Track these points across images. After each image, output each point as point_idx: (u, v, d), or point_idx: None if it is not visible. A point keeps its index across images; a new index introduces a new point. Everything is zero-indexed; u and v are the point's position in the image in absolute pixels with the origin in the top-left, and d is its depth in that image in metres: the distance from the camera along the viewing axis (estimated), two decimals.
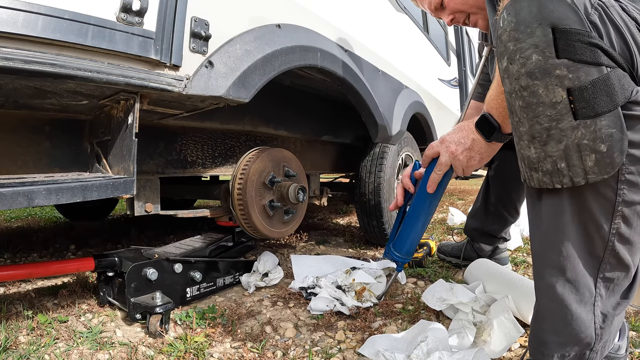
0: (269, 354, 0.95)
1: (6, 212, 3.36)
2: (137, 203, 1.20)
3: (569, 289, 0.61)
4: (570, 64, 0.53)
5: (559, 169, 0.57)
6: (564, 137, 0.55)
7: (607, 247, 0.59)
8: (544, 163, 0.58)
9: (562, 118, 0.55)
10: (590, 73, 0.53)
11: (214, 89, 0.93)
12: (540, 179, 0.60)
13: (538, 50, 0.55)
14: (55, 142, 1.06)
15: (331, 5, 1.45)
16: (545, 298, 0.65)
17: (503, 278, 1.20)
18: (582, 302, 0.62)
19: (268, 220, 1.36)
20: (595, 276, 0.61)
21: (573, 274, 0.61)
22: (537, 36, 0.55)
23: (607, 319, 0.63)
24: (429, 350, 0.87)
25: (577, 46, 0.53)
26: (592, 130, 0.54)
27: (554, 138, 0.56)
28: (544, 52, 0.54)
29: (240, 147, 1.59)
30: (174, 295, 1.19)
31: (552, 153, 0.57)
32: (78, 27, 0.70)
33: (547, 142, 0.57)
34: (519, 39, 0.56)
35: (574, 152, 0.55)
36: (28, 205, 0.69)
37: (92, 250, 1.96)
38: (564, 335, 0.63)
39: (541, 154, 0.58)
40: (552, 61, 0.54)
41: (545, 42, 0.54)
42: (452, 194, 5.76)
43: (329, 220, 3.03)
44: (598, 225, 0.59)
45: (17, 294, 1.32)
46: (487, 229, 1.56)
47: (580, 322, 0.62)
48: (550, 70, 0.54)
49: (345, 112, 1.93)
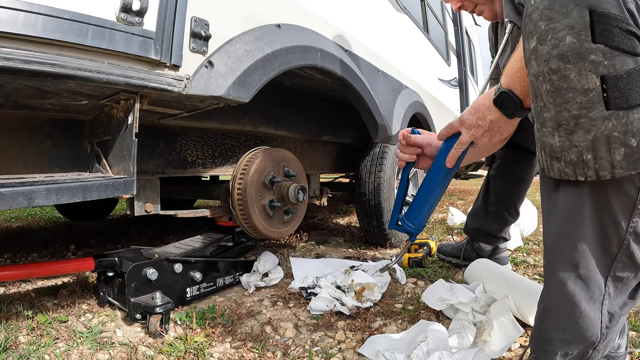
0: (269, 354, 0.95)
1: (6, 212, 3.36)
2: (137, 203, 1.20)
3: (580, 286, 0.60)
4: (606, 50, 0.50)
5: (584, 160, 0.54)
6: (594, 127, 0.52)
7: (622, 246, 0.58)
8: (568, 153, 0.55)
9: (594, 107, 0.52)
10: (626, 62, 0.51)
11: (214, 89, 0.93)
12: (562, 170, 0.57)
13: (573, 33, 0.51)
14: (55, 142, 1.05)
15: (331, 5, 1.46)
16: (555, 294, 0.64)
17: (503, 278, 1.20)
18: (591, 300, 0.61)
19: (268, 220, 1.36)
20: (606, 275, 0.60)
21: (586, 271, 0.60)
22: (573, 17, 0.51)
23: (613, 318, 0.62)
24: (429, 350, 0.87)
25: (615, 32, 0.50)
26: (623, 122, 0.51)
27: (582, 127, 0.53)
28: (579, 35, 0.51)
29: (240, 147, 1.59)
30: (174, 295, 1.19)
31: (578, 143, 0.54)
32: (78, 27, 0.70)
33: (575, 131, 0.54)
34: (553, 19, 0.53)
35: (602, 144, 0.52)
36: (28, 205, 0.69)
37: (92, 250, 1.96)
38: (569, 333, 0.63)
39: (566, 142, 0.55)
40: (588, 45, 0.51)
41: (581, 24, 0.51)
42: (452, 194, 5.75)
43: (329, 220, 3.03)
44: (616, 222, 0.57)
45: (17, 294, 1.32)
46: (487, 228, 1.56)
47: (588, 321, 0.61)
48: (585, 55, 0.51)
49: (345, 112, 1.93)
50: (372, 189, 1.92)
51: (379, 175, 1.91)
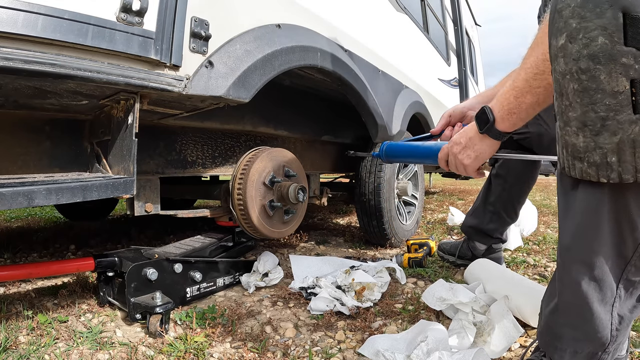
0: (269, 354, 0.95)
1: (6, 212, 3.36)
2: (137, 203, 1.20)
3: (593, 287, 0.61)
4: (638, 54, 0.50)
5: (608, 162, 0.54)
6: (620, 130, 0.52)
7: (637, 249, 0.58)
8: (592, 154, 0.55)
9: (622, 110, 0.52)
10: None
11: (214, 89, 0.93)
12: (584, 170, 0.57)
13: (606, 34, 0.51)
14: (55, 142, 1.05)
15: (331, 5, 1.45)
16: (568, 292, 0.64)
17: (503, 278, 1.20)
18: (603, 302, 0.61)
19: (268, 220, 1.36)
20: (619, 277, 0.61)
21: (600, 273, 0.60)
22: (607, 18, 0.51)
23: (623, 321, 0.63)
24: (429, 350, 0.87)
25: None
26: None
27: (609, 129, 0.53)
28: (612, 36, 0.51)
29: (240, 147, 1.59)
30: (174, 295, 1.19)
31: (603, 145, 0.54)
32: (78, 27, 0.70)
33: (600, 133, 0.53)
34: (585, 18, 0.52)
35: (628, 147, 0.52)
36: (28, 205, 0.69)
37: (92, 250, 1.96)
38: (581, 332, 0.64)
39: (591, 143, 0.55)
40: (620, 47, 0.51)
41: (615, 25, 0.51)
42: (452, 194, 5.76)
43: (329, 220, 3.03)
44: (633, 226, 0.57)
45: (17, 294, 1.32)
46: (484, 227, 1.56)
47: (599, 322, 0.62)
48: (617, 57, 0.51)
49: (345, 112, 1.93)
50: (372, 189, 1.92)
51: (379, 175, 1.91)
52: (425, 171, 4.31)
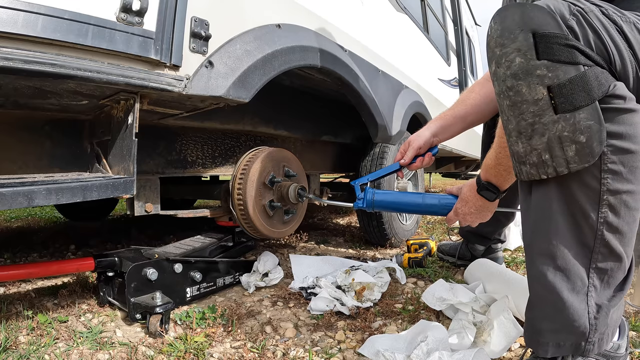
0: (269, 354, 0.95)
1: (6, 212, 3.36)
2: (137, 203, 1.20)
3: (560, 277, 0.64)
4: (549, 64, 0.58)
5: (543, 160, 0.61)
6: (547, 131, 0.60)
7: (596, 236, 0.62)
8: (530, 156, 0.62)
9: (544, 113, 0.59)
10: (568, 71, 0.58)
11: (214, 89, 0.93)
12: (528, 172, 0.64)
13: (521, 54, 0.60)
14: (56, 142, 1.06)
15: (331, 5, 1.45)
16: (537, 285, 0.68)
17: (503, 278, 1.20)
18: (574, 291, 0.63)
19: (268, 220, 1.36)
20: (587, 266, 0.63)
21: (563, 262, 0.63)
22: (520, 41, 0.60)
23: (601, 310, 0.64)
24: (429, 350, 0.87)
25: (555, 48, 0.58)
26: (571, 123, 0.58)
27: (537, 132, 0.60)
28: (525, 55, 0.60)
29: (240, 147, 1.59)
30: (174, 295, 1.19)
31: (536, 146, 0.61)
32: (78, 27, 0.70)
33: (532, 136, 0.61)
34: (504, 44, 0.62)
35: (556, 144, 0.59)
36: (28, 205, 0.69)
37: (92, 250, 1.96)
38: (557, 323, 0.65)
39: (527, 147, 0.62)
40: (533, 62, 0.59)
41: (526, 45, 0.59)
42: None
43: (329, 220, 3.03)
44: (585, 214, 0.61)
45: (17, 294, 1.32)
46: (480, 230, 1.57)
47: (573, 311, 0.63)
48: (532, 71, 0.59)
49: (345, 112, 1.93)
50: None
51: None
52: (426, 171, 4.31)
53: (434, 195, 1.13)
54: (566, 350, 0.66)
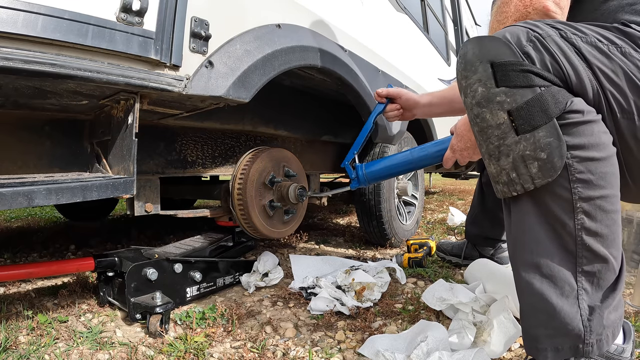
0: (269, 354, 0.95)
1: (6, 212, 3.36)
2: (137, 203, 1.20)
3: (547, 284, 0.65)
4: (507, 90, 0.63)
5: (511, 179, 0.66)
6: (511, 151, 0.65)
7: (577, 242, 0.63)
8: (501, 175, 0.67)
9: (507, 136, 0.65)
10: (525, 94, 0.63)
11: (214, 89, 0.93)
12: (502, 190, 0.69)
13: (482, 83, 0.65)
14: (56, 142, 1.05)
15: (331, 5, 1.45)
16: (526, 295, 0.69)
17: (503, 278, 1.20)
18: (563, 295, 0.64)
19: (268, 220, 1.36)
20: (574, 271, 0.64)
21: (548, 270, 0.65)
22: (480, 72, 0.66)
23: (594, 311, 0.64)
24: (429, 350, 0.87)
25: (512, 75, 0.63)
26: (531, 142, 0.63)
27: (503, 153, 0.66)
28: (486, 84, 0.65)
29: (240, 147, 1.59)
30: (174, 295, 1.19)
31: (504, 166, 0.66)
32: (78, 27, 0.70)
33: (500, 158, 0.66)
34: (467, 77, 0.68)
35: (520, 163, 0.64)
36: (28, 205, 0.69)
37: (92, 250, 1.96)
38: (550, 328, 0.66)
39: (497, 168, 0.67)
40: (493, 90, 0.64)
41: (486, 75, 0.65)
42: (452, 194, 5.76)
43: (329, 220, 3.03)
44: (563, 223, 0.64)
45: (17, 294, 1.32)
46: (488, 234, 1.57)
47: (564, 314, 0.64)
48: (492, 98, 0.65)
49: (345, 112, 1.93)
50: (372, 189, 1.91)
51: None
52: (426, 171, 4.30)
53: (422, 146, 1.12)
54: (566, 354, 0.66)
